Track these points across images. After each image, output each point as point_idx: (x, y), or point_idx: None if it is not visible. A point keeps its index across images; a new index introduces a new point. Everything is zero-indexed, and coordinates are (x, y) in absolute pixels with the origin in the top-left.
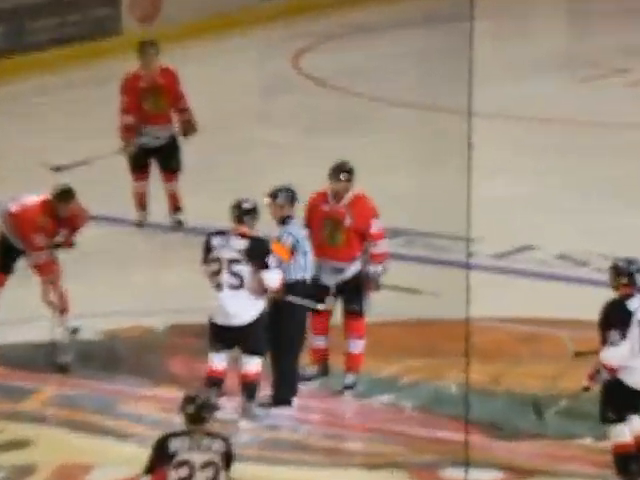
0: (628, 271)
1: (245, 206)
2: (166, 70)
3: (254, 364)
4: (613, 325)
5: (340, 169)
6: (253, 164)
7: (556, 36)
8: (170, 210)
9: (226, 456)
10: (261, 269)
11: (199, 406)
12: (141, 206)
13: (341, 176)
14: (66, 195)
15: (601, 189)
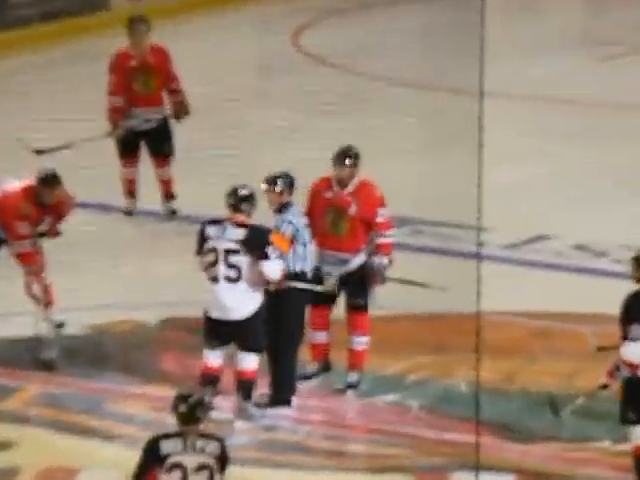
0: None
1: (242, 193)
2: (157, 48)
3: (251, 361)
4: (635, 319)
5: (345, 154)
6: (249, 148)
7: (572, 12)
8: (163, 198)
9: (221, 458)
10: (260, 260)
11: (192, 405)
12: (130, 193)
13: (346, 161)
14: (51, 180)
15: (622, 175)
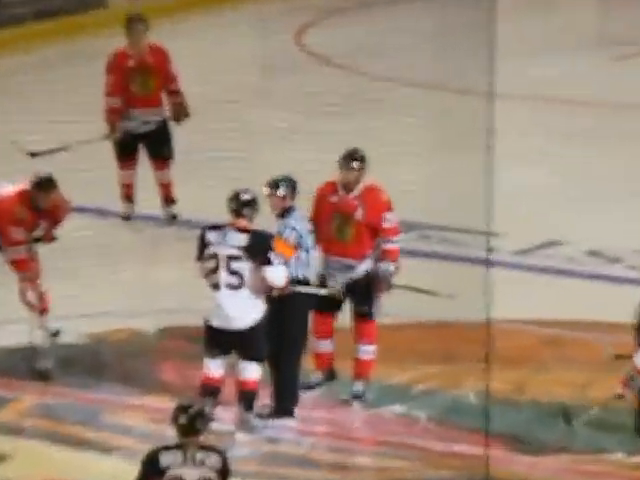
0: None
1: (244, 197)
2: (156, 48)
3: (253, 371)
4: None
5: (352, 157)
6: (250, 150)
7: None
8: (163, 202)
9: (222, 472)
10: (263, 265)
11: (192, 417)
12: (128, 198)
13: (353, 164)
14: (47, 184)
15: (636, 179)
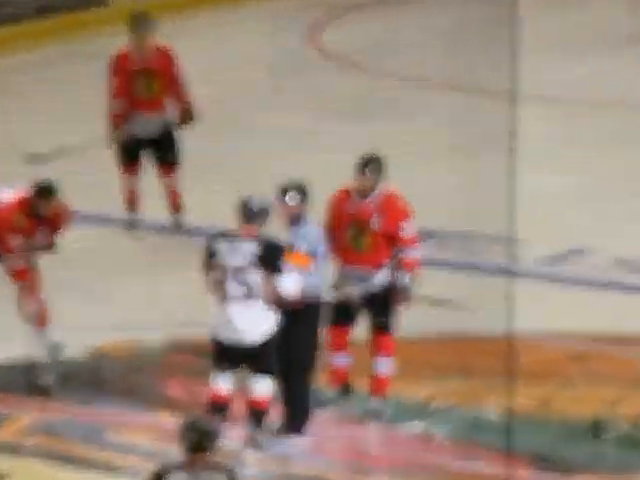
0: None
1: (254, 205)
2: (162, 50)
3: (264, 386)
4: None
5: (368, 162)
6: (260, 154)
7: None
8: (170, 209)
9: None
10: (275, 275)
11: (200, 434)
12: (131, 205)
13: (368, 171)
14: (47, 191)
15: None
